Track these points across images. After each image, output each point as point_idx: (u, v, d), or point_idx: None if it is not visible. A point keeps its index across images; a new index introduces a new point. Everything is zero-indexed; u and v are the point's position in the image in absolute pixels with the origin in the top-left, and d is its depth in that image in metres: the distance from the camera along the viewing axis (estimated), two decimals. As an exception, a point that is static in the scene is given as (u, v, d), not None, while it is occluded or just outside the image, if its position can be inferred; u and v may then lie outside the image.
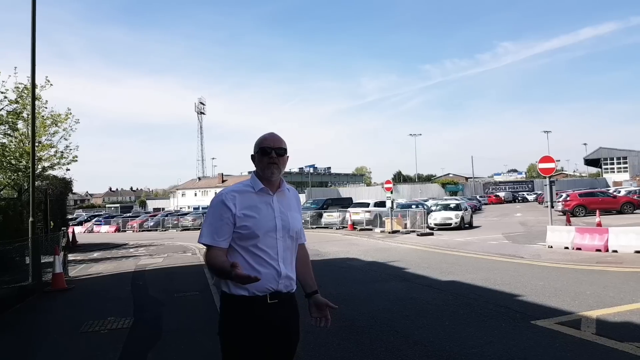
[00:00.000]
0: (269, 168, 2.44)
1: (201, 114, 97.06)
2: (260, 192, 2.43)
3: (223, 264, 2.27)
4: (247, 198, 2.40)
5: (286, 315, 2.46)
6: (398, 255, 14.38)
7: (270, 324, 2.37)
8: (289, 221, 2.48)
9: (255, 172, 2.52)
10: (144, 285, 11.40)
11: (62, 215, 25.83)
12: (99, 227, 45.71)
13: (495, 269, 10.80)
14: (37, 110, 16.71)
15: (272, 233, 2.39)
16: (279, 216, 2.45)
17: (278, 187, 2.52)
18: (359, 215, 26.51)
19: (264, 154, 2.45)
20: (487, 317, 6.52)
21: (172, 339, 6.31)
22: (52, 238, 13.56)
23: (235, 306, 2.35)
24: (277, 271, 2.40)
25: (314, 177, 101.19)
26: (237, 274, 2.14)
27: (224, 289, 2.39)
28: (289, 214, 2.51)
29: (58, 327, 7.54)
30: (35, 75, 12.41)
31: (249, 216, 2.35)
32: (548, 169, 15.48)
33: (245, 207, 2.36)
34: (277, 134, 2.54)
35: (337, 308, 2.68)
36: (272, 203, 2.46)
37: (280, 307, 2.41)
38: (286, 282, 2.45)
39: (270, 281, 2.37)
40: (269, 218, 2.41)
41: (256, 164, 2.50)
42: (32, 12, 12.00)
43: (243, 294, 2.33)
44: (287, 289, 2.47)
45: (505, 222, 27.73)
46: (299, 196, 2.79)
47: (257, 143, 2.51)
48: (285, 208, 2.51)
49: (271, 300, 2.38)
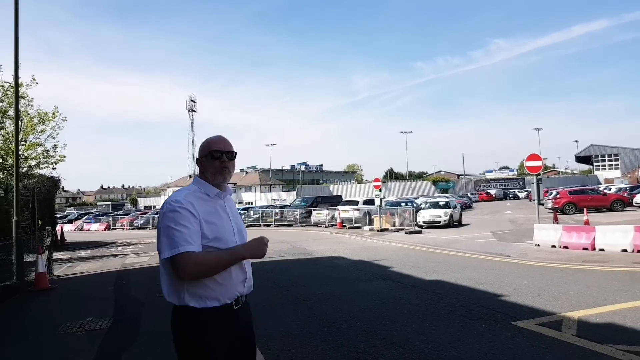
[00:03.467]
0: (221, 173, 2.35)
1: (192, 112, 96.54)
2: (215, 198, 2.33)
3: (221, 255, 2.16)
4: (204, 204, 2.26)
5: (247, 319, 2.41)
6: (385, 253, 14.36)
7: (237, 331, 2.31)
8: (239, 223, 2.44)
9: (201, 177, 2.38)
10: (127, 285, 11.28)
11: (50, 213, 25.65)
12: (89, 225, 45.40)
13: (480, 268, 10.79)
14: (24, 109, 16.58)
15: (232, 238, 2.31)
16: (233, 219, 2.39)
17: (224, 191, 2.43)
18: (348, 213, 26.46)
19: (215, 158, 2.34)
20: (468, 318, 6.48)
21: (148, 340, 6.24)
22: (38, 237, 13.40)
23: (202, 320, 2.18)
24: (245, 274, 2.34)
25: (305, 175, 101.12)
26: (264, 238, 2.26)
27: (192, 303, 2.17)
28: (238, 217, 2.49)
29: (36, 328, 7.44)
30: (19, 73, 12.26)
31: (210, 222, 2.23)
32: (535, 167, 15.51)
33: (205, 213, 2.23)
34: (225, 137, 2.44)
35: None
36: (226, 208, 2.39)
37: (242, 311, 2.36)
38: (250, 284, 2.41)
39: (237, 285, 2.31)
40: (227, 223, 2.33)
41: (205, 168, 2.37)
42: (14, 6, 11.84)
43: (214, 305, 2.21)
44: (249, 291, 2.42)
45: (495, 220, 27.80)
46: None
47: (205, 146, 2.38)
48: (234, 211, 2.46)
49: (237, 306, 2.31)
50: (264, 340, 5.59)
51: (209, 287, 2.18)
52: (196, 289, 2.17)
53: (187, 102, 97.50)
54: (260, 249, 2.23)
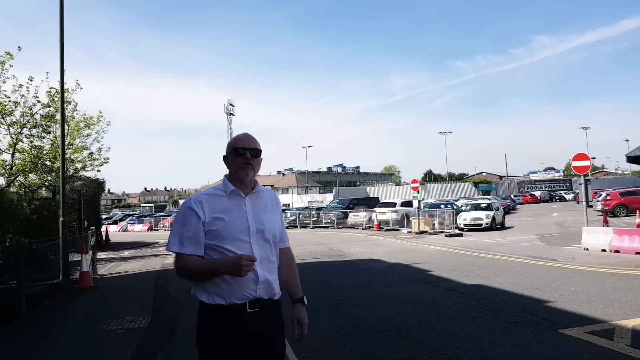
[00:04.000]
0: (244, 169, 2.33)
1: (231, 115, 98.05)
2: (231, 195, 2.32)
3: (200, 265, 2.19)
4: (217, 201, 2.29)
5: (268, 326, 2.29)
6: (423, 257, 14.06)
7: (251, 336, 2.22)
8: (264, 223, 2.34)
9: (228, 175, 2.41)
10: (165, 284, 11.48)
11: (96, 214, 26.55)
12: (133, 226, 46.68)
13: (525, 273, 10.39)
14: (70, 114, 17.23)
15: (244, 236, 2.26)
16: (253, 219, 2.31)
17: (252, 189, 2.39)
18: (385, 215, 26.13)
19: (237, 154, 2.34)
20: (511, 324, 6.22)
21: (184, 339, 6.25)
22: (83, 237, 13.85)
23: (213, 317, 2.21)
24: (256, 275, 2.24)
25: (342, 177, 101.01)
26: (243, 256, 2.12)
27: (202, 298, 2.25)
28: (264, 216, 2.37)
29: (78, 325, 7.65)
30: (64, 79, 12.72)
31: (218, 219, 2.24)
32: (583, 167, 14.85)
33: (214, 211, 2.25)
34: (252, 134, 2.43)
35: (301, 338, 2.50)
36: (244, 205, 2.33)
37: (261, 316, 2.26)
38: (266, 287, 2.30)
39: (248, 287, 2.23)
40: (240, 221, 2.27)
41: (229, 165, 2.39)
42: (60, 17, 12.28)
43: (220, 303, 2.20)
44: (269, 295, 2.31)
45: (540, 223, 26.87)
46: (278, 197, 2.64)
47: (231, 143, 2.39)
48: (261, 210, 2.38)
49: (251, 309, 2.23)
50: (297, 343, 5.51)
51: (216, 284, 2.21)
52: (206, 284, 2.23)
53: (225, 106, 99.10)
54: (235, 270, 2.12)
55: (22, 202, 14.10)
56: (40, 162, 15.90)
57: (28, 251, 9.62)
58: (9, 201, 12.90)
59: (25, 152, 15.56)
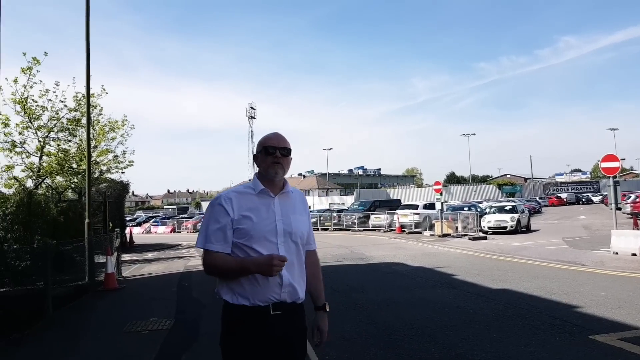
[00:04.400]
0: (273, 168, 2.30)
1: (252, 119, 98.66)
2: (260, 194, 2.29)
3: (230, 263, 2.17)
4: (246, 200, 2.27)
5: (290, 328, 2.27)
6: (447, 260, 13.86)
7: (273, 337, 2.20)
8: (292, 224, 2.31)
9: (258, 174, 2.39)
10: (189, 286, 11.57)
11: (120, 216, 26.97)
12: (156, 227, 47.23)
13: (552, 277, 10.16)
14: (95, 118, 17.56)
15: (272, 237, 2.23)
16: (281, 219, 2.28)
17: (281, 189, 2.36)
18: (407, 218, 25.87)
19: (267, 153, 2.32)
20: (539, 330, 6.06)
21: (208, 341, 6.27)
22: (108, 239, 14.05)
23: (236, 317, 2.20)
24: (280, 278, 2.21)
25: (363, 179, 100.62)
26: (274, 256, 2.11)
27: (226, 297, 2.24)
28: (292, 217, 2.33)
29: (103, 326, 7.74)
30: (91, 84, 12.94)
31: (247, 218, 2.21)
32: (612, 169, 14.47)
33: (243, 209, 2.23)
34: (282, 134, 2.40)
35: (329, 339, 2.51)
36: (273, 205, 2.30)
37: (284, 318, 2.24)
38: (291, 291, 2.26)
39: (272, 290, 2.21)
40: (268, 221, 2.25)
41: (259, 163, 2.37)
42: (85, 25, 12.49)
43: (244, 303, 2.19)
44: (293, 299, 2.28)
45: (566, 226, 26.31)
46: (306, 198, 2.59)
47: (261, 142, 2.38)
48: (289, 211, 2.34)
49: (274, 311, 2.21)
50: (315, 347, 5.46)
51: (241, 285, 2.20)
52: (231, 284, 2.22)
53: (246, 110, 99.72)
54: (266, 269, 2.11)
55: (49, 204, 14.33)
56: (66, 165, 16.21)
57: (55, 252, 9.79)
58: (37, 203, 13.13)
59: (52, 155, 15.89)
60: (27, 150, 15.22)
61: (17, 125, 14.83)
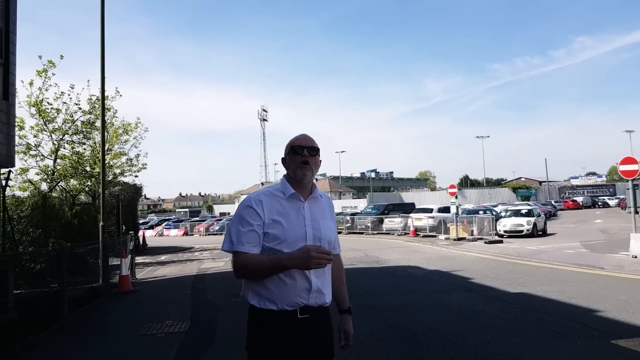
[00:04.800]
0: (301, 169, 2.25)
1: (264, 121, 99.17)
2: (290, 198, 2.24)
3: (264, 261, 2.11)
4: (276, 203, 2.21)
5: (318, 332, 2.24)
6: (463, 264, 13.70)
7: (300, 341, 2.16)
8: (321, 230, 2.26)
9: (286, 176, 2.34)
10: (203, 289, 11.53)
11: (134, 219, 27.10)
12: (169, 230, 47.48)
13: (571, 281, 9.97)
14: (109, 120, 17.67)
15: (301, 242, 2.17)
16: (310, 224, 2.23)
17: (310, 193, 2.31)
18: (421, 221, 25.63)
19: (295, 153, 2.27)
20: (560, 335, 5.94)
21: (224, 345, 6.24)
22: (122, 241, 14.11)
23: (263, 321, 2.16)
24: (309, 284, 2.18)
25: (375, 182, 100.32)
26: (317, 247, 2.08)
27: (253, 302, 2.20)
28: (322, 223, 2.29)
29: (119, 329, 7.71)
30: (105, 87, 13.02)
31: (277, 222, 2.16)
32: (631, 172, 14.20)
33: (273, 212, 2.18)
34: (309, 135, 2.36)
35: (346, 348, 2.47)
36: (303, 210, 2.25)
37: (311, 322, 2.19)
38: (318, 296, 2.23)
39: (300, 295, 2.17)
40: (298, 226, 2.20)
41: (287, 165, 2.32)
42: (101, 28, 12.59)
43: (271, 308, 2.15)
44: (319, 303, 2.24)
45: (583, 229, 25.94)
46: (333, 204, 2.55)
47: (289, 144, 2.33)
48: (318, 216, 2.29)
49: (301, 315, 2.17)
50: (339, 350, 5.37)
51: (268, 289, 2.16)
52: (258, 288, 2.18)
53: (259, 112, 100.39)
54: (303, 262, 2.06)
55: (63, 207, 14.47)
56: (80, 168, 16.32)
57: (70, 255, 9.82)
58: (51, 205, 13.26)
59: (66, 157, 16.00)
60: (42, 153, 15.37)
61: (32, 128, 14.97)
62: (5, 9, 8.81)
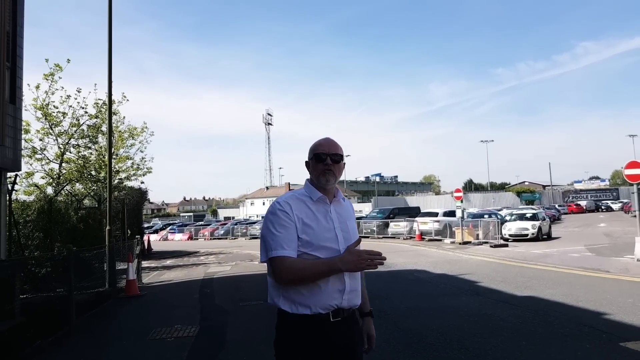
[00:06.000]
0: (324, 175, 2.26)
1: (269, 125, 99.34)
2: (318, 202, 2.26)
3: (315, 264, 2.10)
4: (304, 207, 2.22)
5: (350, 334, 2.24)
6: (469, 267, 13.70)
7: (334, 345, 2.16)
8: (350, 233, 2.29)
9: (310, 180, 2.35)
10: (211, 293, 11.55)
11: (139, 223, 27.14)
12: (173, 235, 47.52)
13: (577, 284, 9.99)
14: (115, 125, 17.72)
15: (333, 245, 2.19)
16: (339, 227, 2.25)
17: (334, 197, 2.33)
18: (427, 225, 25.67)
19: (318, 160, 2.27)
20: (569, 337, 5.96)
21: (235, 349, 6.24)
22: (128, 245, 14.13)
23: (297, 326, 2.15)
24: (343, 285, 2.18)
25: (380, 186, 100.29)
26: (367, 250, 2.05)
27: (285, 307, 2.16)
28: (349, 224, 2.32)
29: (128, 333, 7.72)
30: (112, 91, 13.09)
31: (307, 226, 2.16)
32: (636, 176, 14.18)
33: (303, 216, 2.18)
34: (333, 139, 2.35)
35: (369, 351, 2.46)
36: (330, 213, 2.27)
37: (343, 325, 2.20)
38: (351, 297, 2.24)
39: (333, 297, 2.16)
40: (328, 229, 2.21)
41: (311, 170, 2.33)
42: (108, 33, 12.67)
43: (305, 312, 2.13)
44: (350, 305, 2.25)
45: (587, 233, 25.90)
46: (353, 207, 2.57)
47: (312, 149, 2.33)
48: (345, 218, 2.32)
49: (334, 318, 2.17)
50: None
51: (301, 293, 2.13)
52: (290, 294, 2.15)
53: (264, 116, 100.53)
54: (355, 264, 2.07)
55: (69, 211, 14.50)
56: (86, 172, 16.35)
57: (76, 259, 9.85)
58: (57, 210, 13.29)
59: (72, 161, 16.03)
60: (47, 157, 15.37)
61: (38, 131, 14.96)
62: (12, 13, 8.87)
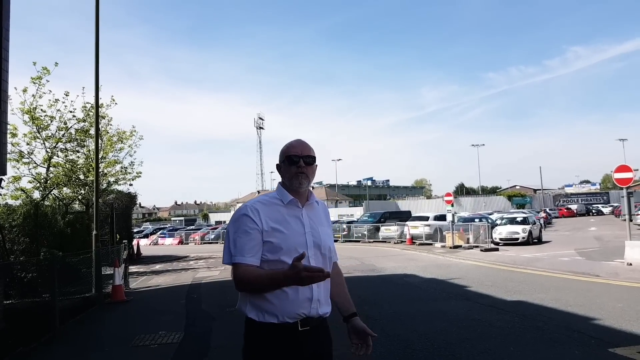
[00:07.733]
0: (297, 178, 2.18)
1: (260, 129, 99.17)
2: (289, 205, 2.17)
3: (262, 276, 2.00)
4: (274, 211, 2.14)
5: (318, 344, 2.17)
6: (459, 272, 13.65)
7: (303, 355, 2.09)
8: (321, 237, 2.20)
9: (282, 183, 2.27)
10: (198, 298, 11.41)
11: (128, 228, 26.91)
12: (164, 239, 47.17)
13: (567, 289, 9.96)
14: (104, 128, 17.54)
15: (301, 250, 2.08)
16: (310, 232, 2.17)
17: (306, 200, 2.24)
18: (418, 229, 25.63)
19: (291, 163, 2.19)
20: (557, 343, 5.91)
21: (218, 356, 6.15)
22: (115, 250, 13.96)
23: (264, 336, 2.07)
24: (310, 293, 2.10)
25: (372, 190, 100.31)
26: (306, 267, 1.85)
27: (251, 315, 2.10)
28: (320, 230, 2.22)
29: (111, 340, 7.59)
30: (100, 94, 12.95)
31: (277, 230, 2.08)
32: (625, 179, 14.27)
33: (271, 220, 2.10)
34: (305, 140, 2.27)
35: (377, 337, 2.32)
36: (301, 217, 2.18)
37: (312, 334, 2.12)
38: (320, 305, 2.16)
39: (302, 305, 2.08)
40: (298, 234, 2.13)
41: (282, 173, 2.25)
42: (95, 36, 12.55)
43: (272, 321, 2.06)
44: (320, 314, 2.17)
45: (578, 237, 25.98)
46: (329, 210, 2.48)
47: (283, 151, 2.25)
48: (316, 223, 2.23)
49: (302, 327, 2.09)
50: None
51: (269, 301, 2.06)
52: (257, 301, 2.09)
53: (255, 120, 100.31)
54: (298, 281, 1.89)
55: (56, 216, 14.29)
56: (74, 176, 16.17)
57: (62, 264, 9.70)
58: (44, 214, 13.10)
59: (59, 165, 15.84)
60: (35, 160, 15.18)
61: (25, 135, 14.78)
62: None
